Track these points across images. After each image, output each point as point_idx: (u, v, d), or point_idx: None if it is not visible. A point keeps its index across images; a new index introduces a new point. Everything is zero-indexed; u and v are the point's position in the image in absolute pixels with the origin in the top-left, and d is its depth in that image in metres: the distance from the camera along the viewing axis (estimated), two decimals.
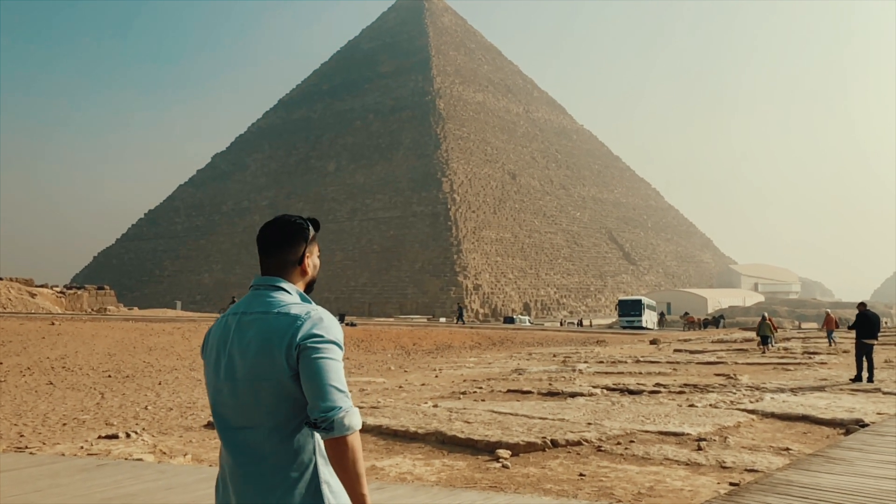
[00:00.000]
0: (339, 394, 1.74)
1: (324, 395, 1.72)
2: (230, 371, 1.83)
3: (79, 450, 8.58)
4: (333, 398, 1.72)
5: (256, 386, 1.78)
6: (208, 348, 1.93)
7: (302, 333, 1.76)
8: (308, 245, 1.97)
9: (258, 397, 1.78)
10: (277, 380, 1.76)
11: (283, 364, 1.75)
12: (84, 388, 14.59)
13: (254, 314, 1.85)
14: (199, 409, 12.27)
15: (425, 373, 18.45)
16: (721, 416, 9.77)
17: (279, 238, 1.94)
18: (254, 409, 1.78)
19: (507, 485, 6.87)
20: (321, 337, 1.77)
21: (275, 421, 1.77)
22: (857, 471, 5.26)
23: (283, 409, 1.77)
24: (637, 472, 7.15)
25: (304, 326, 1.78)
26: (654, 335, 38.34)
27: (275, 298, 1.87)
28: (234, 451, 1.81)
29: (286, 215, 1.99)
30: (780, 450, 7.89)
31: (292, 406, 1.78)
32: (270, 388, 1.77)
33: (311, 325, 1.78)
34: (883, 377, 14.57)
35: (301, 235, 1.95)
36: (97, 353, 19.43)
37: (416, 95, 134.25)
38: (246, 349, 1.80)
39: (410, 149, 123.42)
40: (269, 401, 1.77)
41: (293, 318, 1.79)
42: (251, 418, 1.79)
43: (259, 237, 1.98)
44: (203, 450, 8.79)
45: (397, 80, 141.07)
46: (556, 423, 9.34)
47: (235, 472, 1.80)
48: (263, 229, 1.98)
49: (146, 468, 6.13)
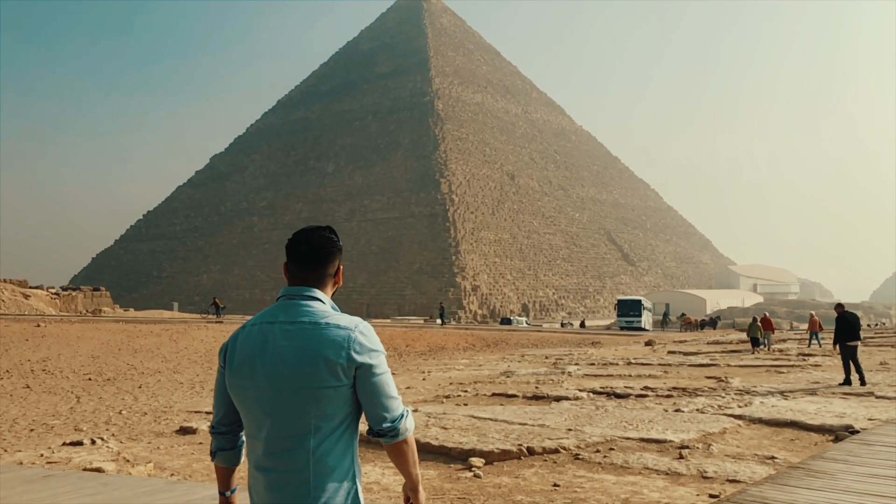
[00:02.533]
0: (397, 402, 1.88)
1: (387, 407, 1.85)
2: (274, 378, 1.83)
3: (38, 457, 8.27)
4: (395, 408, 1.87)
5: (307, 394, 1.81)
6: (237, 355, 1.91)
7: (358, 347, 1.84)
8: (340, 258, 2.03)
9: (307, 405, 1.81)
10: (331, 388, 1.81)
11: (340, 375, 1.81)
12: (61, 392, 14.28)
13: (298, 323, 1.86)
14: (175, 414, 11.96)
15: (413, 375, 18.14)
16: (707, 422, 9.45)
17: (319, 254, 1.97)
18: (301, 417, 1.81)
19: (476, 496, 6.56)
20: (376, 351, 1.87)
21: (325, 428, 1.82)
22: (838, 485, 4.93)
23: (336, 416, 1.83)
24: (614, 483, 6.83)
25: (358, 340, 1.84)
26: (650, 336, 38.01)
27: (314, 309, 1.90)
28: (274, 458, 1.82)
29: (319, 230, 2.02)
30: (765, 458, 7.57)
31: (343, 413, 1.85)
32: (323, 396, 1.81)
33: (364, 338, 1.85)
34: (877, 380, 14.25)
35: (337, 250, 2.01)
36: (80, 356, 19.11)
37: (414, 96, 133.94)
38: (294, 358, 1.82)
39: (409, 150, 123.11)
40: (319, 408, 1.81)
41: (345, 329, 1.85)
42: (297, 426, 1.82)
43: (296, 251, 1.98)
44: (169, 457, 8.48)
45: (396, 81, 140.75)
46: (536, 430, 9.02)
47: (274, 479, 1.81)
48: (300, 244, 1.98)
49: (91, 480, 5.81)
